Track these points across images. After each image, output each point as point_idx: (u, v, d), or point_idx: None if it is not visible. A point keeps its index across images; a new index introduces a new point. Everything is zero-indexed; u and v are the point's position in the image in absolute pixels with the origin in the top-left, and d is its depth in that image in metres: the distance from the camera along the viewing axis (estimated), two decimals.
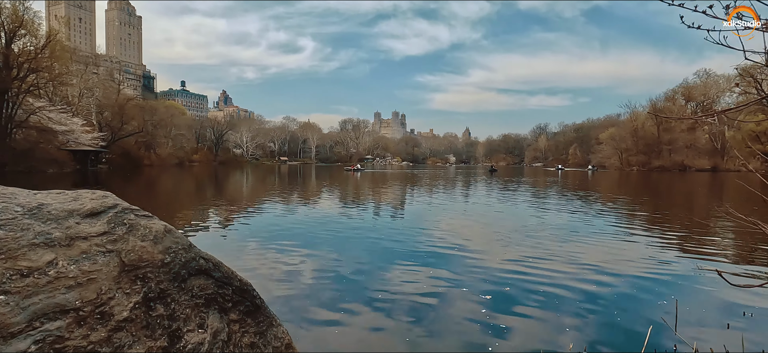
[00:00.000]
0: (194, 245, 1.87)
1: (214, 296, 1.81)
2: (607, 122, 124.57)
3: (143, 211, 1.91)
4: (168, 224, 1.82)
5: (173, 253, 1.71)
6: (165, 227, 1.80)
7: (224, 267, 2.00)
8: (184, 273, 1.71)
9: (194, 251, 1.83)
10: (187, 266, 1.73)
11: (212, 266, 1.88)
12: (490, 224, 13.05)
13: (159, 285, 1.59)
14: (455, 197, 22.83)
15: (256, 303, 2.15)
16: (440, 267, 7.61)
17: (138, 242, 1.64)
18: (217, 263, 1.93)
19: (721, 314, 5.45)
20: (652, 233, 11.42)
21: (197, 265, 1.80)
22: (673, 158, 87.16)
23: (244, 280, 2.14)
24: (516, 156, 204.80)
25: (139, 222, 1.77)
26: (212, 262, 1.90)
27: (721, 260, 8.41)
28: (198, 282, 1.76)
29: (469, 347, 4.54)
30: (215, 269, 1.89)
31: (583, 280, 6.79)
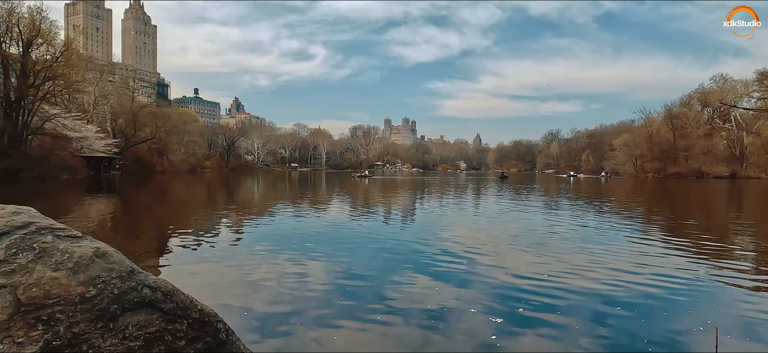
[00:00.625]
0: (138, 271, 1.57)
1: (159, 334, 1.49)
2: (621, 128, 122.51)
3: (71, 231, 1.62)
4: (105, 245, 1.52)
5: (102, 284, 1.40)
6: (95, 251, 1.49)
7: (180, 295, 1.69)
8: (115, 309, 1.40)
9: (137, 279, 1.52)
10: (121, 299, 1.43)
11: (161, 296, 1.57)
12: (501, 233, 12.61)
13: (72, 328, 1.27)
14: (466, 205, 22.31)
15: (220, 337, 1.82)
16: (450, 277, 7.36)
17: (47, 273, 1.34)
18: (170, 291, 1.62)
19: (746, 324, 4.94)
20: (672, 243, 10.71)
21: (138, 297, 1.49)
22: (690, 165, 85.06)
23: (206, 309, 1.82)
24: (527, 163, 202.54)
25: (56, 246, 1.47)
26: (162, 291, 1.59)
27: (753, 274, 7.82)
28: (137, 319, 1.45)
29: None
30: (166, 299, 1.58)
31: (599, 294, 6.34)
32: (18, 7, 44.75)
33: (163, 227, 14.18)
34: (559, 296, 6.35)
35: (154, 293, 1.56)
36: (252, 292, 6.47)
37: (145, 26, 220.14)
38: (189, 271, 7.87)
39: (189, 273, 7.68)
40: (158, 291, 1.59)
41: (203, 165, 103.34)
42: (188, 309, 1.69)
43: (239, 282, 7.02)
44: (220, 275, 7.51)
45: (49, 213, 10.60)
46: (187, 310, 1.68)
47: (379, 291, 6.55)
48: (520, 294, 6.40)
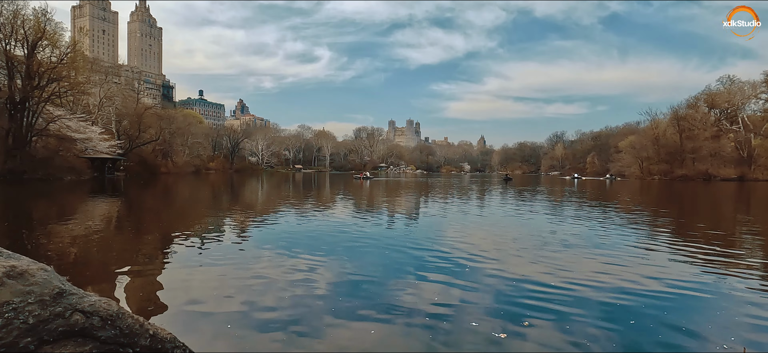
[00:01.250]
0: (70, 293, 1.33)
1: None
2: (626, 129, 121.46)
3: None
4: (29, 262, 1.29)
5: (11, 312, 1.17)
6: (8, 271, 1.26)
7: (126, 319, 1.46)
8: (30, 342, 1.17)
9: (65, 304, 1.29)
10: (39, 330, 1.20)
11: (99, 322, 1.34)
12: (505, 236, 12.39)
13: None
14: (470, 208, 22.02)
15: None
16: (454, 281, 7.27)
17: None
18: (112, 315, 1.39)
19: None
20: (680, 249, 10.44)
21: (65, 325, 1.26)
22: (697, 167, 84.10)
23: (161, 334, 1.59)
24: (532, 165, 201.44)
25: None
26: (100, 315, 1.36)
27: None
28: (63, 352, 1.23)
29: None
30: (105, 325, 1.35)
31: (604, 301, 6.15)
32: (23, 9, 44.98)
33: (164, 229, 14.05)
34: (564, 301, 6.18)
35: (88, 319, 1.33)
36: (255, 294, 6.31)
37: (150, 28, 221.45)
38: (184, 276, 7.72)
39: (183, 278, 7.52)
40: (95, 316, 1.36)
41: (207, 167, 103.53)
42: (136, 336, 1.46)
43: (241, 285, 6.85)
44: (221, 278, 7.35)
45: (52, 215, 10.49)
46: (135, 337, 1.45)
47: (382, 294, 6.47)
48: (525, 299, 6.25)
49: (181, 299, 6.17)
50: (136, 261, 8.86)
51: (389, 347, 4.70)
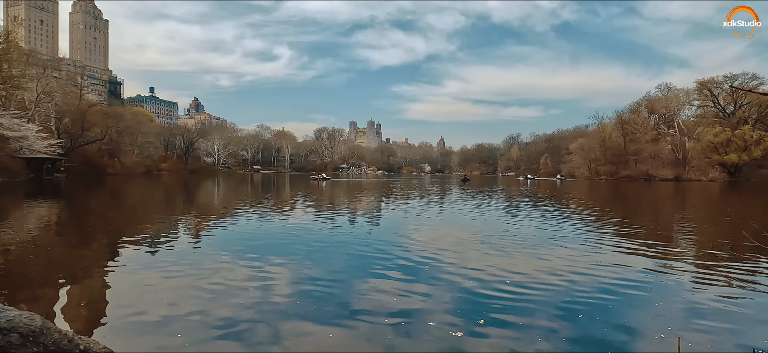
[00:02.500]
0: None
1: None
2: (577, 132, 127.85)
3: None
4: None
5: None
6: None
7: (52, 335, 1.33)
8: None
9: None
10: None
11: (18, 338, 1.20)
12: (463, 235, 12.60)
13: None
14: (429, 207, 22.34)
15: None
16: (415, 279, 7.39)
17: None
18: (35, 330, 1.25)
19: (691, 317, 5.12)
20: (623, 243, 11.12)
21: None
22: (639, 168, 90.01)
23: (93, 348, 1.46)
24: (489, 166, 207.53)
25: None
26: (21, 332, 1.22)
27: (703, 272, 8.17)
28: None
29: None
30: (25, 342, 1.21)
31: (556, 291, 6.46)
32: None
33: (110, 234, 13.21)
34: (520, 296, 6.41)
35: (4, 336, 1.20)
36: (210, 302, 6.05)
37: (95, 20, 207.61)
38: (130, 285, 7.29)
39: (129, 287, 7.10)
40: (13, 332, 1.23)
41: (159, 167, 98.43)
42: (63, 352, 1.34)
43: (195, 293, 6.55)
44: (172, 286, 6.99)
45: None
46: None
47: (343, 296, 6.42)
48: (483, 295, 6.43)
49: (126, 310, 5.80)
50: (75, 270, 8.26)
51: (349, 349, 4.66)
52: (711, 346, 4.80)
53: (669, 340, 4.88)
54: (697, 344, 4.86)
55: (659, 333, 5.13)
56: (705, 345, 4.86)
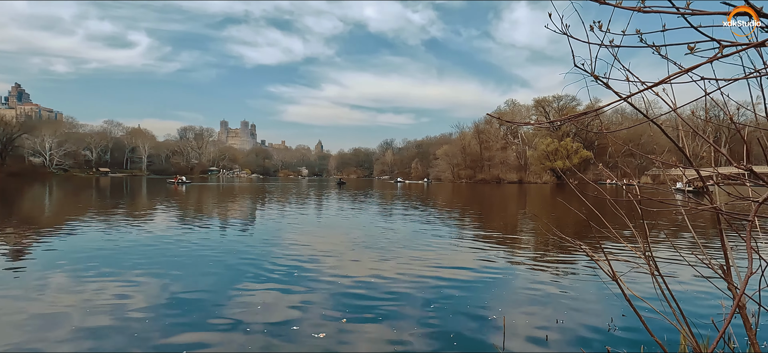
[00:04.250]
0: None
1: None
2: (442, 140, 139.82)
3: None
4: None
5: None
6: None
7: None
8: None
9: None
10: None
11: None
12: (336, 237, 12.55)
13: None
14: (306, 211, 21.88)
15: None
16: (291, 284, 7.35)
17: None
18: None
19: (533, 301, 5.90)
20: (477, 238, 12.37)
21: None
22: (492, 172, 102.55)
23: None
24: (366, 169, 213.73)
25: None
26: None
27: (533, 257, 9.47)
28: None
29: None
30: None
31: (427, 286, 6.91)
32: None
33: None
34: (384, 293, 6.73)
35: None
36: (37, 330, 4.89)
37: None
38: None
39: None
40: None
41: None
42: None
43: (17, 321, 5.23)
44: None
45: None
46: None
47: (216, 306, 6.10)
48: (351, 295, 6.61)
49: None
50: None
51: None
52: (528, 321, 5.72)
53: (498, 319, 5.64)
54: (518, 320, 5.68)
55: (492, 313, 5.97)
56: (525, 319, 5.75)
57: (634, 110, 2.14)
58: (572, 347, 4.91)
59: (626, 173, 39.95)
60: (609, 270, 2.81)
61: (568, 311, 6.16)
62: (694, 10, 1.17)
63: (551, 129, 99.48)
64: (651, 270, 2.71)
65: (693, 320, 3.16)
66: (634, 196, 2.87)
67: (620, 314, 5.86)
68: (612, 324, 5.56)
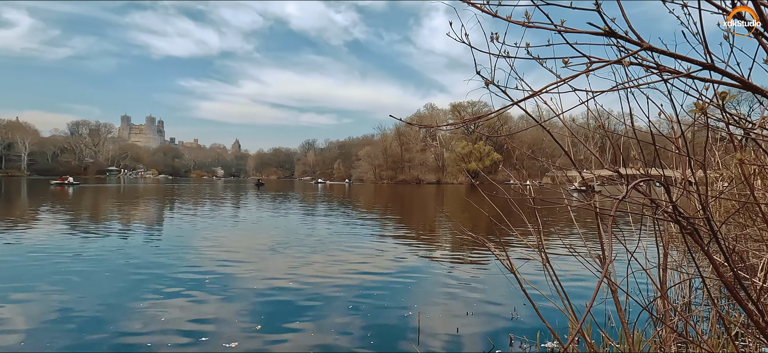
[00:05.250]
0: None
1: None
2: (365, 141, 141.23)
3: None
4: None
5: None
6: None
7: None
8: None
9: None
10: None
11: None
12: (253, 240, 12.03)
13: None
14: (222, 214, 20.60)
15: None
16: (205, 293, 6.91)
17: None
18: None
19: (449, 296, 6.25)
20: (397, 238, 12.77)
21: None
22: (412, 173, 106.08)
23: None
24: (287, 170, 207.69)
25: None
26: None
27: (447, 255, 10.00)
28: None
29: None
30: None
31: (345, 288, 6.91)
32: None
33: None
34: (302, 296, 6.63)
35: None
36: None
37: None
38: None
39: None
40: None
41: None
42: None
43: None
44: None
45: None
46: None
47: (109, 323, 5.45)
48: (267, 302, 6.38)
49: None
50: None
51: None
52: (441, 316, 6.02)
53: (414, 316, 5.86)
54: (432, 315, 5.97)
55: (408, 311, 6.16)
56: (438, 314, 6.05)
57: (538, 116, 2.35)
58: (480, 337, 5.25)
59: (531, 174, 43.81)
60: (509, 264, 3.06)
61: (477, 303, 6.59)
62: (567, 28, 1.31)
63: (466, 133, 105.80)
64: (543, 261, 2.99)
65: (579, 304, 3.74)
66: (529, 195, 3.16)
67: (522, 304, 6.40)
68: (515, 314, 6.06)
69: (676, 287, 4.09)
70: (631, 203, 2.13)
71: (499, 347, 4.94)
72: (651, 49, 1.23)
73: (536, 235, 3.06)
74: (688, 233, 1.85)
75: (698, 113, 1.04)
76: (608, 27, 1.22)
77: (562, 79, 1.38)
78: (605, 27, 1.22)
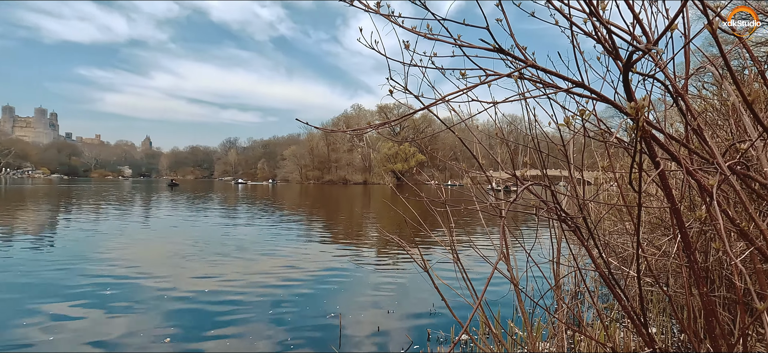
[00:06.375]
0: None
1: None
2: (291, 140, 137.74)
3: None
4: None
5: None
6: None
7: None
8: None
9: None
10: None
11: None
12: (167, 244, 11.21)
13: None
14: (129, 218, 18.78)
15: None
16: (104, 303, 6.30)
17: None
18: None
19: (372, 296, 6.35)
20: (322, 240, 12.67)
21: None
22: (339, 173, 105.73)
23: None
24: (206, 170, 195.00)
25: None
26: None
27: (373, 256, 10.21)
28: None
29: None
30: None
31: (265, 293, 6.65)
32: None
33: None
34: (225, 302, 6.32)
35: None
36: None
37: None
38: None
39: None
40: None
41: None
42: None
43: None
44: None
45: None
46: None
47: None
48: (187, 309, 6.04)
49: None
50: None
51: None
52: (363, 316, 6.10)
53: (336, 317, 5.86)
54: (354, 315, 6.01)
55: (331, 312, 6.18)
56: (360, 315, 6.11)
57: (459, 120, 2.47)
58: (400, 333, 5.40)
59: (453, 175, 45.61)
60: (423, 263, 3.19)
61: (399, 302, 6.76)
62: (464, 43, 1.40)
63: (393, 134, 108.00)
64: (454, 259, 3.17)
65: (489, 298, 4.00)
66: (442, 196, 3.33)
67: (439, 299, 6.70)
68: (433, 309, 6.33)
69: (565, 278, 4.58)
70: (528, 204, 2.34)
71: (417, 343, 5.12)
72: (534, 66, 1.37)
73: (449, 234, 3.23)
74: (571, 230, 2.08)
75: (564, 126, 1.18)
76: (497, 44, 1.33)
77: (461, 90, 1.47)
78: (494, 44, 1.33)
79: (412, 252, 3.16)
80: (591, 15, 1.18)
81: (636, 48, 1.01)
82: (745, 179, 1.68)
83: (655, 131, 1.66)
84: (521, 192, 1.49)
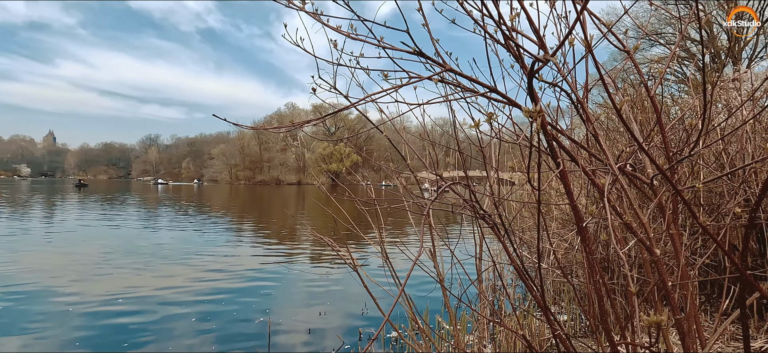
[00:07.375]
0: None
1: None
2: (219, 138, 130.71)
3: None
4: None
5: None
6: None
7: None
8: None
9: None
10: None
11: None
12: (73, 252, 10.11)
13: None
14: (27, 222, 16.63)
15: None
16: (4, 319, 5.57)
17: None
18: None
19: (305, 298, 6.21)
20: (252, 243, 12.31)
21: None
22: (272, 174, 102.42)
23: None
24: (122, 169, 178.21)
25: None
26: None
27: (307, 260, 10.01)
28: None
29: None
30: None
31: (189, 300, 6.23)
32: None
33: None
34: (146, 312, 5.84)
35: None
36: None
37: None
38: None
39: None
40: None
41: None
42: None
43: None
44: None
45: None
46: None
47: None
48: (97, 325, 5.45)
49: None
50: None
51: None
52: (294, 319, 5.97)
53: (266, 322, 5.66)
54: (284, 319, 5.90)
55: (259, 316, 6.01)
56: (290, 318, 6.00)
57: (395, 121, 2.50)
58: (331, 334, 5.36)
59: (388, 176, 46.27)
60: (352, 262, 3.20)
61: (331, 303, 6.71)
62: (386, 44, 1.43)
63: (329, 134, 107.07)
64: (383, 257, 3.22)
65: (417, 294, 4.33)
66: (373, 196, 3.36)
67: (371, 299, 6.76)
68: (365, 309, 6.37)
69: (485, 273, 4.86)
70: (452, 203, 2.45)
71: (349, 343, 5.12)
72: (452, 71, 1.44)
73: (379, 234, 3.28)
74: (489, 227, 2.22)
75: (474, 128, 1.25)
76: (417, 48, 1.38)
77: (385, 90, 1.50)
78: (414, 47, 1.38)
79: (341, 252, 3.17)
80: (499, 24, 1.27)
81: (536, 58, 1.11)
82: (633, 179, 1.90)
83: (562, 136, 1.82)
84: (442, 192, 1.56)
